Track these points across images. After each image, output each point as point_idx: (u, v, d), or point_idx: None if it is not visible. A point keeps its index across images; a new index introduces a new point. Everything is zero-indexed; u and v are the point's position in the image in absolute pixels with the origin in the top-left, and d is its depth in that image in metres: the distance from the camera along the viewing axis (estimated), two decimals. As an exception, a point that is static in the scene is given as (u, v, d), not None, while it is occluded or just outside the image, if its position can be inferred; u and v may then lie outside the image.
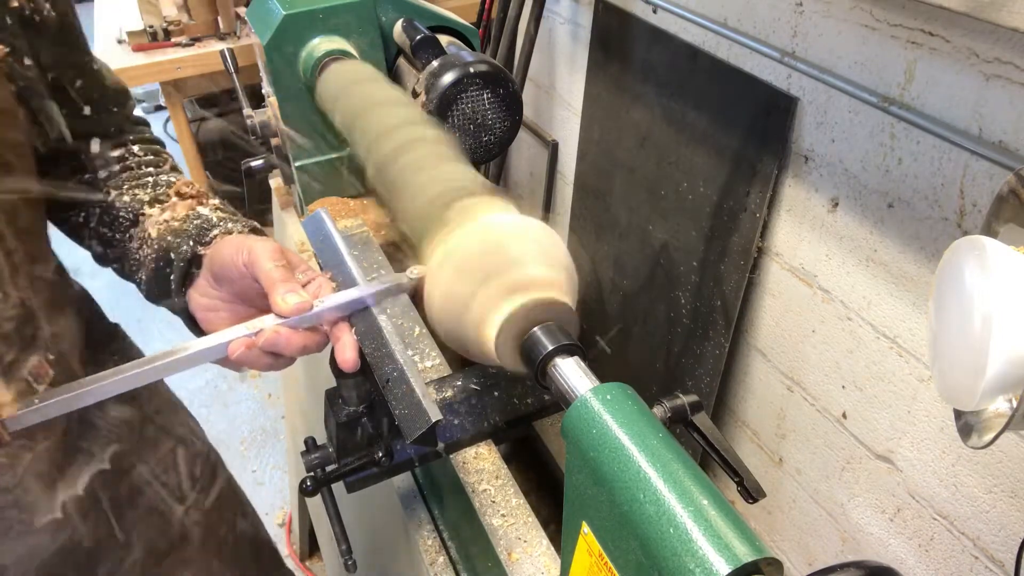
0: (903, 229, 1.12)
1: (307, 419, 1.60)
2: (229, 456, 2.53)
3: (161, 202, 0.81)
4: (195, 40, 2.34)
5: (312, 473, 0.79)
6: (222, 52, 1.47)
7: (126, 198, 0.81)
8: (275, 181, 1.60)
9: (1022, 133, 0.92)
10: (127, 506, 0.89)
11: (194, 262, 0.74)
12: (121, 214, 0.81)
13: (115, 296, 1.73)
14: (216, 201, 0.82)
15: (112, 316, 0.95)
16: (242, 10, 2.08)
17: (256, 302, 0.70)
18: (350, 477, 0.81)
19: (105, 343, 0.93)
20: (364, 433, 0.79)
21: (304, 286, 0.67)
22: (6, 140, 0.68)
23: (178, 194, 0.82)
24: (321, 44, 1.16)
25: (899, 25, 1.04)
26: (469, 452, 0.89)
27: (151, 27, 2.30)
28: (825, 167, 1.24)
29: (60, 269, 0.81)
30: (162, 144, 0.92)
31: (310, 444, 0.82)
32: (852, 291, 1.24)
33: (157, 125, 4.87)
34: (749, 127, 1.34)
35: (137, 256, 0.80)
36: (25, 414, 0.60)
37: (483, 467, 0.88)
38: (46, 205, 0.78)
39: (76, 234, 0.85)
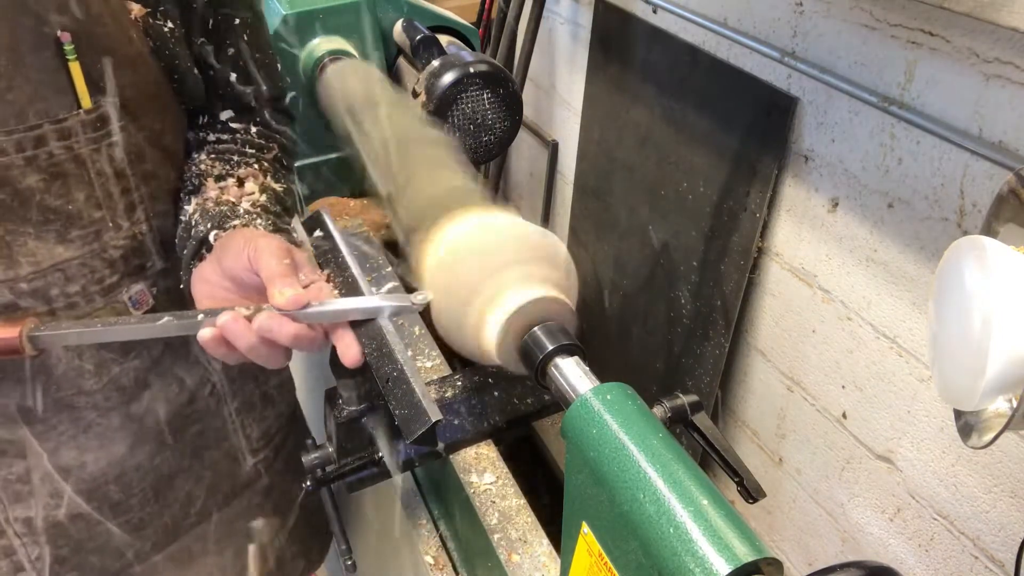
0: (903, 229, 1.12)
1: (307, 419, 1.60)
2: (229, 456, 2.53)
3: (223, 180, 0.82)
4: (195, 40, 2.33)
5: (312, 473, 0.79)
6: (222, 52, 1.47)
7: (203, 166, 0.83)
8: (275, 181, 1.60)
9: (1022, 133, 0.92)
10: (212, 447, 0.94)
11: (205, 244, 0.75)
12: (191, 179, 0.82)
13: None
14: (264, 199, 0.82)
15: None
16: (242, 10, 2.07)
17: (255, 297, 0.71)
18: (350, 477, 0.81)
19: None
20: (364, 433, 0.79)
21: (305, 287, 0.67)
22: (139, 89, 0.73)
23: (238, 180, 0.83)
24: (321, 44, 1.16)
25: (899, 25, 1.04)
26: (469, 452, 0.89)
27: (151, 27, 2.30)
28: (825, 167, 1.24)
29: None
30: (292, 141, 0.94)
31: (310, 444, 0.82)
32: (852, 291, 1.24)
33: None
34: (749, 127, 1.34)
35: (178, 221, 0.81)
36: (45, 335, 0.64)
37: (483, 467, 0.88)
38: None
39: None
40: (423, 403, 0.59)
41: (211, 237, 0.74)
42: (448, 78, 1.06)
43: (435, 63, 1.09)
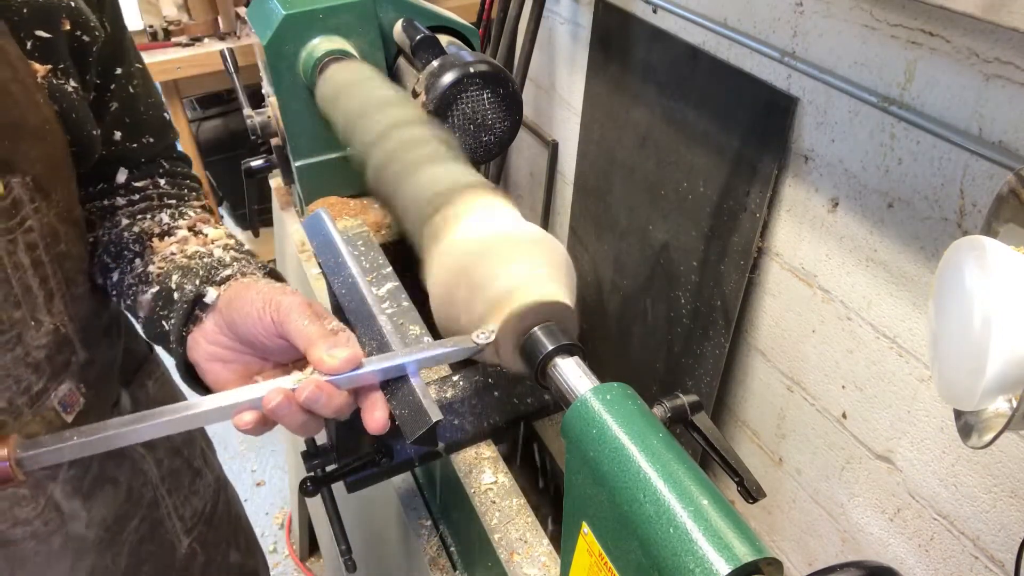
0: (903, 229, 1.12)
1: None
2: (229, 456, 2.53)
3: (171, 235, 0.75)
4: (195, 40, 2.34)
5: (312, 473, 0.79)
6: (222, 52, 1.47)
7: (136, 229, 0.75)
8: (275, 181, 1.60)
9: (1022, 133, 0.92)
10: (147, 540, 0.88)
11: (198, 303, 0.67)
12: (128, 246, 0.75)
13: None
14: (232, 241, 0.76)
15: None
16: (242, 10, 2.08)
17: (274, 357, 0.65)
18: (350, 477, 0.81)
19: (138, 368, 0.91)
20: (364, 433, 0.79)
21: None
22: (49, 162, 0.66)
23: (190, 228, 0.76)
24: (321, 44, 1.16)
25: (899, 25, 1.04)
26: (469, 452, 0.89)
27: (151, 27, 2.30)
28: (825, 167, 1.24)
29: (96, 289, 0.77)
30: (197, 181, 0.87)
31: (310, 444, 0.82)
32: (852, 291, 1.24)
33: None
34: (749, 127, 1.34)
35: (132, 292, 0.73)
36: (40, 454, 0.53)
37: (483, 467, 0.88)
38: None
39: None
40: (423, 403, 0.59)
41: (207, 296, 0.66)
42: (448, 78, 1.06)
43: (435, 63, 1.09)
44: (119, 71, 0.75)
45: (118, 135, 0.77)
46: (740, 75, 1.35)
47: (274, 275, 0.73)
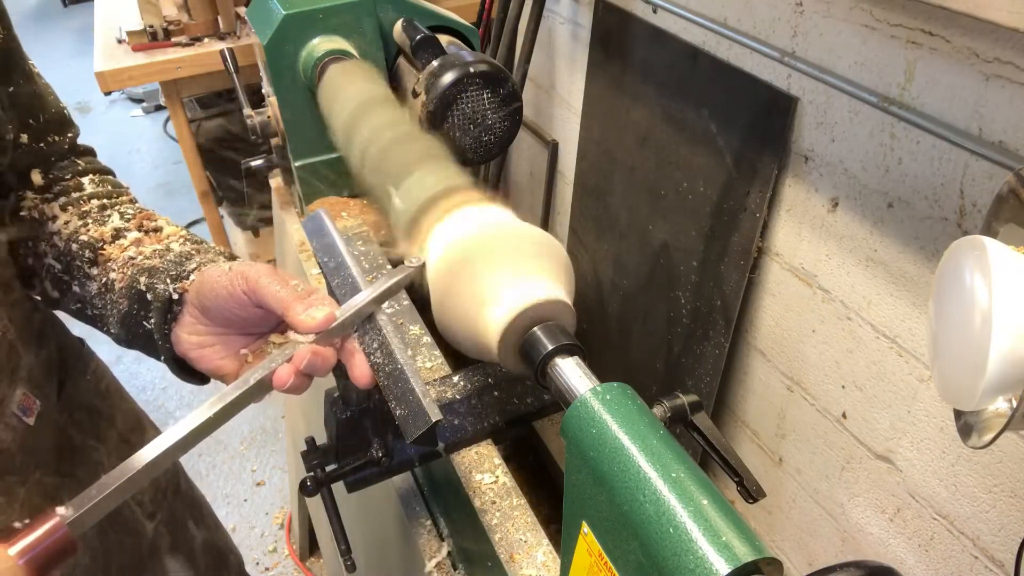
0: (903, 229, 1.12)
1: (307, 419, 1.60)
2: (228, 456, 2.54)
3: (122, 238, 0.76)
4: (195, 40, 2.33)
5: (312, 473, 0.79)
6: (222, 52, 1.47)
7: (83, 238, 0.75)
8: (275, 181, 1.60)
9: (1022, 133, 0.92)
10: (108, 528, 0.88)
11: (175, 300, 0.69)
12: (79, 256, 0.75)
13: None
14: (183, 232, 0.78)
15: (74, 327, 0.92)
16: (242, 10, 2.08)
17: (254, 328, 0.68)
18: (350, 477, 0.81)
19: (75, 363, 0.91)
20: (364, 433, 0.79)
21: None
22: None
23: (139, 228, 0.77)
24: (321, 44, 1.16)
25: (899, 25, 1.04)
26: (469, 452, 0.89)
27: (151, 27, 2.30)
28: (825, 167, 1.24)
29: (26, 292, 0.78)
30: (113, 173, 0.86)
31: (310, 444, 0.82)
32: (852, 291, 1.24)
33: (157, 125, 4.86)
34: (749, 127, 1.34)
35: (100, 302, 0.74)
36: (86, 513, 0.54)
37: (483, 467, 0.88)
38: None
39: (26, 275, 0.80)
40: (423, 403, 0.59)
41: (172, 292, 0.69)
42: (448, 78, 1.06)
43: (435, 63, 1.09)
44: (15, 74, 0.74)
45: (24, 138, 0.75)
46: (740, 75, 1.35)
47: (232, 259, 0.74)
